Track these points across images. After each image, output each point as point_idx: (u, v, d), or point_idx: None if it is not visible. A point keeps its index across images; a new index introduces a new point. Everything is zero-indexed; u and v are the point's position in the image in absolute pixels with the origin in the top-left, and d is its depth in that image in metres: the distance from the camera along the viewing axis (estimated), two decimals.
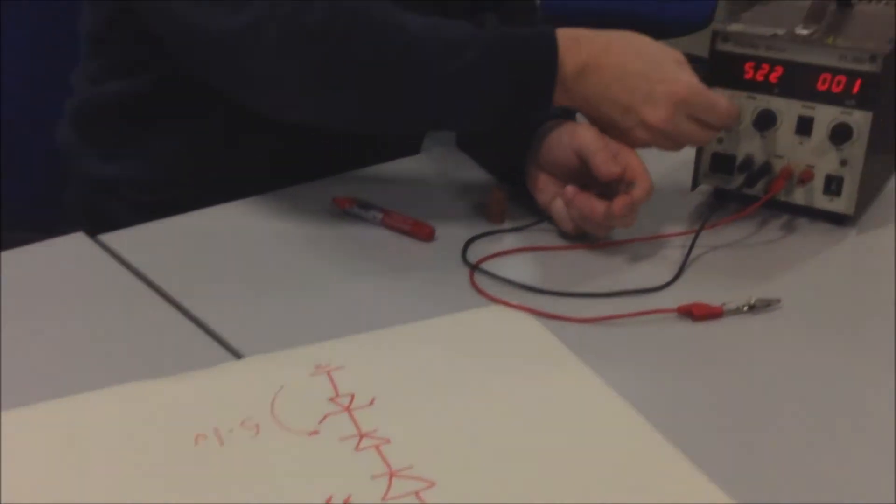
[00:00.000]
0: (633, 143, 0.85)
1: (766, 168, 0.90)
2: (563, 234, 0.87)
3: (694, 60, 0.86)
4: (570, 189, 0.84)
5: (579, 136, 0.85)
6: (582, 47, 0.83)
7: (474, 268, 0.81)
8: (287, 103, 0.84)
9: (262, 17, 0.78)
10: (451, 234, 0.86)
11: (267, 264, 0.82)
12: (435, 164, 1.04)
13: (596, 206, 0.83)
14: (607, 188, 0.84)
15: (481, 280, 0.80)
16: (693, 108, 0.84)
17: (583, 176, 0.86)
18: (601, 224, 0.84)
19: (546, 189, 0.88)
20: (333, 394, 0.64)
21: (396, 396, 0.65)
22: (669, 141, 0.86)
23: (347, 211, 0.89)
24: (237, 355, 0.69)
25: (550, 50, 0.82)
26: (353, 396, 0.64)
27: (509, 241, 0.87)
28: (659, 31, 3.03)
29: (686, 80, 0.84)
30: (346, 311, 0.76)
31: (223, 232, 0.87)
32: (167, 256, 0.82)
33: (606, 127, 0.85)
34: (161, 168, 0.96)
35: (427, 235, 0.85)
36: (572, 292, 0.78)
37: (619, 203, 0.82)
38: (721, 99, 0.86)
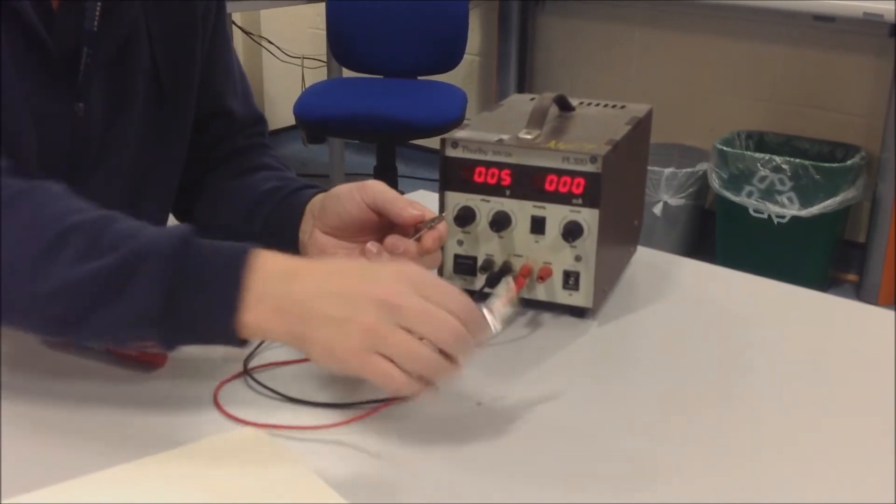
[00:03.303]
0: (356, 345, 0.68)
1: (507, 267, 0.92)
2: None
3: None
4: (370, 245, 0.84)
5: (371, 188, 0.85)
6: (289, 258, 0.73)
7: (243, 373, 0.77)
8: None
9: None
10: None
11: None
12: None
13: (409, 245, 0.82)
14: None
15: (226, 397, 0.76)
16: (423, 287, 0.70)
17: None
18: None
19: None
20: None
21: None
22: (404, 334, 0.68)
23: None
24: None
25: (238, 257, 0.71)
26: None
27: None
28: (415, 131, 3.16)
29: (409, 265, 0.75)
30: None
31: None
32: None
33: (325, 335, 0.69)
34: None
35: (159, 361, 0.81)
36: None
37: (430, 237, 0.82)
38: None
